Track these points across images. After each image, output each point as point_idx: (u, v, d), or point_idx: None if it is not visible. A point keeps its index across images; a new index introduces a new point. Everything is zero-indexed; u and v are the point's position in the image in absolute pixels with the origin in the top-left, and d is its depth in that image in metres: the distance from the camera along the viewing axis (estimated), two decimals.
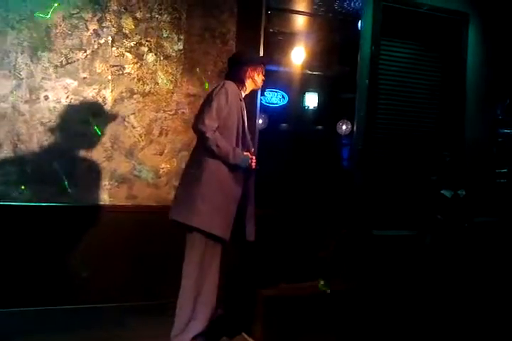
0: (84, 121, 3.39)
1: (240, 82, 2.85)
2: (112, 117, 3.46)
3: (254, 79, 2.89)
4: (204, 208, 2.64)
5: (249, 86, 2.90)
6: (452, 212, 3.98)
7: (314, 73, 3.96)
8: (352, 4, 3.92)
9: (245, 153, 2.72)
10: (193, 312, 2.67)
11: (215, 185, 2.66)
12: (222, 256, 2.76)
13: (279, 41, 3.80)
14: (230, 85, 2.73)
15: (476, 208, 4.30)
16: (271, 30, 3.72)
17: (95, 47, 3.41)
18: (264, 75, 2.94)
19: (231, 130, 2.70)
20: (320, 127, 4.06)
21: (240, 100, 2.79)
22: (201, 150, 2.69)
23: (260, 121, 3.66)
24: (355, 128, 3.95)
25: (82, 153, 3.40)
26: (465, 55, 4.55)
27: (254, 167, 2.79)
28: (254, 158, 2.79)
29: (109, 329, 2.98)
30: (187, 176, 2.78)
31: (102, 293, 3.36)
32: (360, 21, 3.94)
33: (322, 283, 3.29)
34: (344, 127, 3.97)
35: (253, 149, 2.87)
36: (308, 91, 3.94)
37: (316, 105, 3.96)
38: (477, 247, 3.96)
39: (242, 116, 2.78)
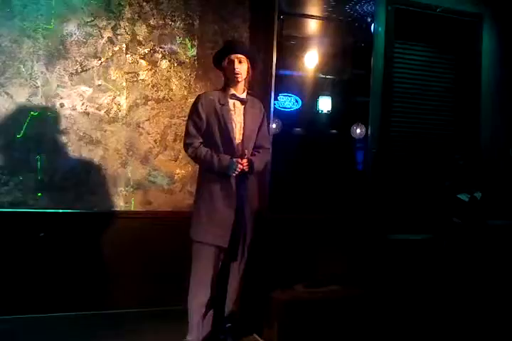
0: (99, 127, 3.43)
1: (224, 83, 2.86)
2: (126, 124, 3.48)
3: (228, 71, 2.79)
4: (196, 219, 2.77)
5: (231, 82, 2.81)
6: (469, 215, 3.93)
7: (328, 77, 3.93)
8: (364, 8, 3.91)
9: (234, 159, 2.70)
10: (202, 316, 2.78)
11: (206, 195, 2.76)
12: (234, 264, 2.85)
13: (292, 46, 3.79)
14: (201, 98, 2.78)
15: (494, 211, 4.25)
16: (284, 35, 3.71)
17: (110, 54, 3.44)
18: (236, 62, 2.74)
19: (216, 139, 2.76)
20: (334, 131, 4.03)
21: (222, 105, 2.75)
22: None
23: (274, 126, 3.65)
24: (369, 131, 3.93)
25: (98, 159, 3.43)
26: (480, 56, 4.50)
27: (245, 170, 2.74)
28: (244, 161, 2.73)
29: (120, 335, 2.98)
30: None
31: (116, 299, 3.38)
32: (373, 24, 3.93)
33: None
34: (358, 131, 3.95)
35: (246, 151, 2.77)
36: (321, 96, 3.91)
37: (329, 109, 3.93)
38: (495, 251, 3.91)
39: (225, 122, 2.73)
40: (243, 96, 2.84)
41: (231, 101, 2.80)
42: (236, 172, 2.71)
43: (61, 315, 3.25)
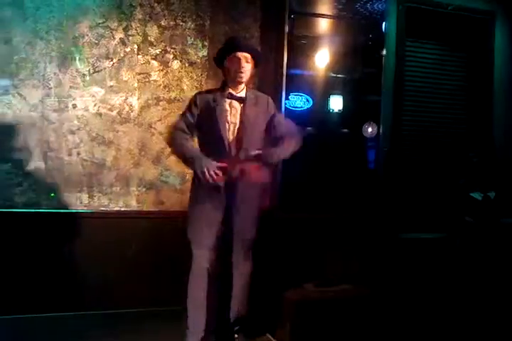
0: (111, 128, 3.45)
1: (222, 82, 2.82)
2: (138, 124, 3.50)
3: (230, 71, 2.72)
4: (188, 219, 2.75)
5: (231, 81, 2.74)
6: (483, 214, 3.91)
7: (339, 76, 3.91)
8: (375, 6, 3.89)
9: (214, 163, 2.55)
10: (199, 317, 2.73)
11: (196, 196, 2.75)
12: (235, 265, 2.81)
13: (303, 45, 3.78)
14: (196, 97, 2.75)
15: (507, 209, 4.22)
16: (294, 34, 3.70)
17: (121, 55, 3.46)
18: (242, 61, 2.67)
19: (209, 140, 2.71)
20: (345, 130, 4.01)
21: (217, 105, 2.67)
22: None
23: None
24: (381, 130, 3.92)
25: (110, 159, 3.45)
26: (492, 53, 4.46)
27: (216, 179, 2.54)
28: (218, 166, 2.55)
29: (120, 335, 2.98)
30: None
31: (120, 299, 3.38)
32: (384, 23, 3.92)
33: None
34: (370, 129, 3.93)
35: (239, 153, 2.64)
36: (332, 95, 3.90)
37: (341, 108, 3.92)
38: (509, 249, 3.89)
39: (217, 123, 2.64)
40: (241, 94, 2.75)
41: (227, 101, 2.71)
42: (210, 180, 2.53)
43: (64, 315, 3.26)
